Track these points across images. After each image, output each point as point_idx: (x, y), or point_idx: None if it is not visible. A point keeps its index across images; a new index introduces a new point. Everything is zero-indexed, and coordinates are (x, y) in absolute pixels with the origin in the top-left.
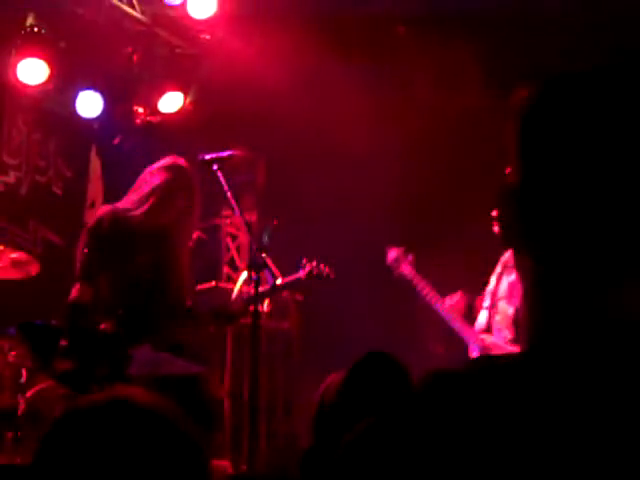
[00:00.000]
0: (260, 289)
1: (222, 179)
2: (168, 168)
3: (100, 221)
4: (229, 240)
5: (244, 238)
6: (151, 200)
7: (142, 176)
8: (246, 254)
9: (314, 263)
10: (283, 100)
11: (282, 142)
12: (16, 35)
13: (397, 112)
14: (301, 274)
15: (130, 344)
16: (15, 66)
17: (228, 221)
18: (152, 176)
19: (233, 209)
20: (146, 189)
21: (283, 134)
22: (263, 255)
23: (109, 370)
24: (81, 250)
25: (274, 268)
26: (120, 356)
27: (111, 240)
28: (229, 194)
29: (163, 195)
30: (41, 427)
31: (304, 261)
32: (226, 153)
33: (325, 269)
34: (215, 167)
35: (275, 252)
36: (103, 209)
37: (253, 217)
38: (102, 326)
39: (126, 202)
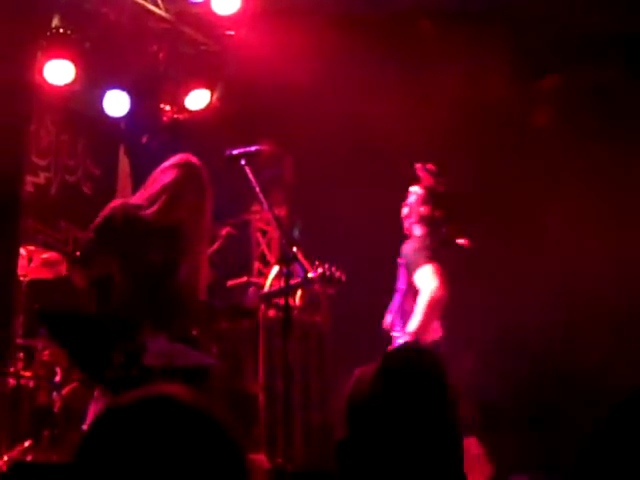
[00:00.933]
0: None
1: (250, 174)
2: (179, 165)
3: (112, 214)
4: (259, 235)
5: (274, 233)
6: (162, 198)
7: (154, 173)
8: (276, 249)
9: (326, 266)
10: (309, 95)
11: (309, 137)
12: (42, 37)
13: (423, 106)
14: (311, 275)
15: (144, 334)
16: (42, 67)
17: (258, 216)
18: (163, 174)
19: (262, 204)
20: (157, 187)
21: (310, 129)
22: (294, 249)
23: (124, 358)
24: (86, 235)
25: (305, 262)
26: (135, 345)
27: (120, 235)
28: (257, 189)
29: (174, 193)
30: (77, 425)
31: (316, 263)
32: (253, 148)
33: (337, 273)
34: (243, 162)
35: (305, 246)
36: (115, 203)
37: (282, 212)
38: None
39: (138, 199)
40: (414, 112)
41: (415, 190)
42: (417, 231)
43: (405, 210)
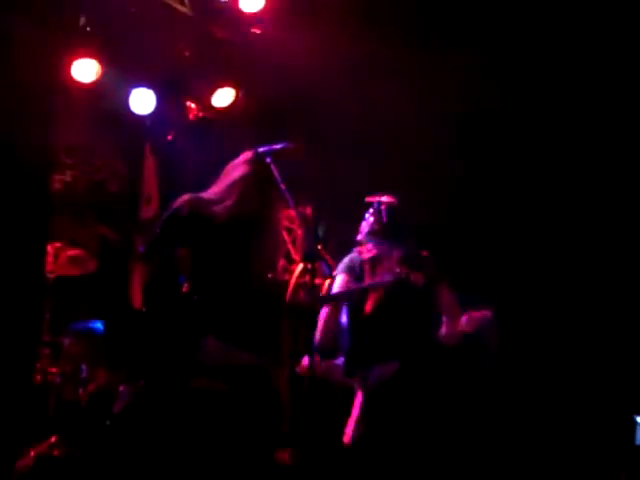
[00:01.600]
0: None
1: (275, 172)
2: (250, 162)
3: (180, 208)
4: (285, 233)
5: (299, 231)
6: (233, 194)
7: (225, 169)
8: (301, 247)
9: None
10: (335, 92)
11: (337, 134)
12: (69, 36)
13: (445, 100)
14: (388, 278)
15: (199, 333)
16: (69, 66)
17: (283, 214)
18: (234, 169)
19: (287, 202)
20: (228, 182)
21: (338, 126)
22: (319, 247)
23: (178, 357)
24: (153, 232)
25: (329, 259)
26: (190, 343)
27: (189, 230)
28: (283, 186)
29: (245, 189)
30: (102, 421)
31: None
32: (279, 145)
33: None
34: (268, 160)
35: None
36: (186, 196)
37: (308, 210)
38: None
39: (209, 194)
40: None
41: None
42: None
43: None
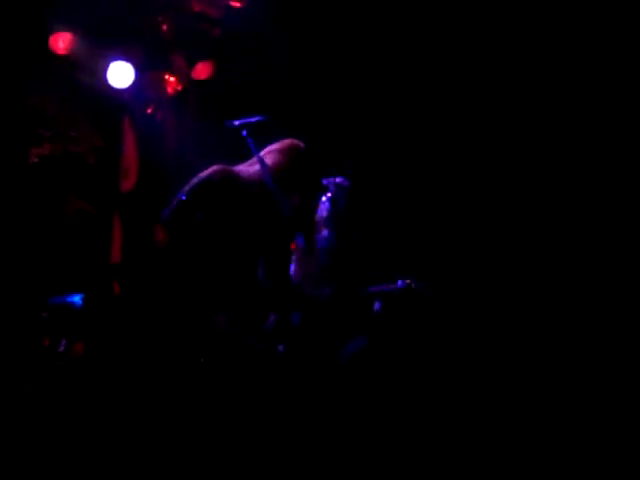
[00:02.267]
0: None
1: (252, 145)
2: (285, 151)
3: (212, 175)
4: None
5: None
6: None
7: (259, 154)
8: None
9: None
10: (316, 68)
11: (312, 108)
12: (47, 7)
13: None
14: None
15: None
16: (46, 39)
17: None
18: (268, 155)
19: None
20: (260, 167)
21: (314, 100)
22: None
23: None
24: (177, 198)
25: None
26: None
27: (222, 195)
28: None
29: (280, 176)
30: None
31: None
32: (254, 119)
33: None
34: (244, 133)
35: None
36: (216, 167)
37: None
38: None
39: (238, 167)
40: None
41: None
42: None
43: None
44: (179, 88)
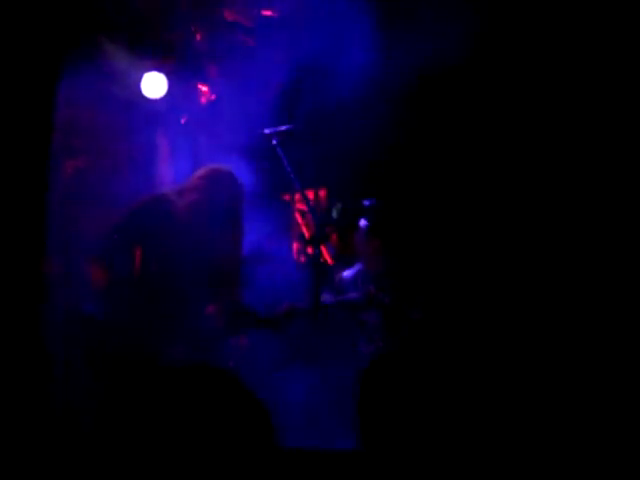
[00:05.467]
0: None
1: (281, 153)
2: (206, 178)
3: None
4: (298, 216)
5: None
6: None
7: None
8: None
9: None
10: (346, 75)
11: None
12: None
13: None
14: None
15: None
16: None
17: (298, 197)
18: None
19: (293, 184)
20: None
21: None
22: (327, 230)
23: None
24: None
25: (336, 241)
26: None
27: (147, 230)
28: (288, 169)
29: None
30: None
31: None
32: (285, 127)
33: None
34: (274, 142)
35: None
36: (143, 198)
37: (322, 192)
38: None
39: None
40: None
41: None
42: None
43: None
44: (212, 98)
